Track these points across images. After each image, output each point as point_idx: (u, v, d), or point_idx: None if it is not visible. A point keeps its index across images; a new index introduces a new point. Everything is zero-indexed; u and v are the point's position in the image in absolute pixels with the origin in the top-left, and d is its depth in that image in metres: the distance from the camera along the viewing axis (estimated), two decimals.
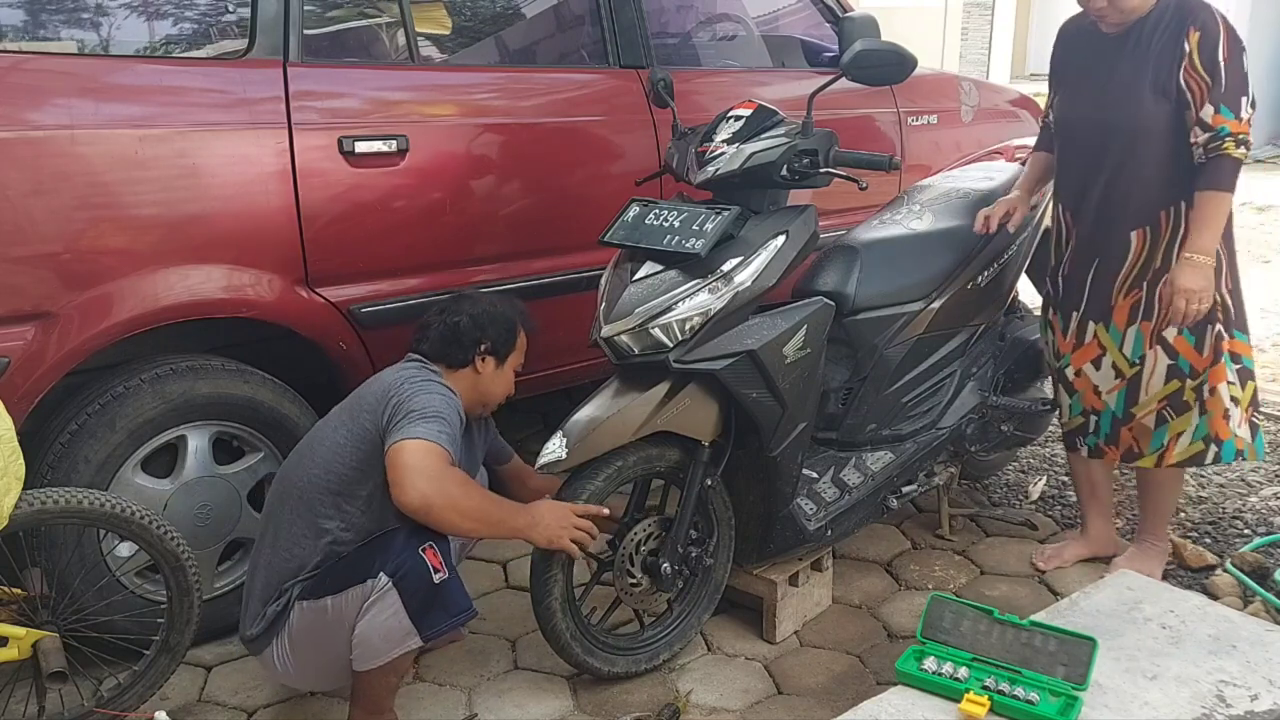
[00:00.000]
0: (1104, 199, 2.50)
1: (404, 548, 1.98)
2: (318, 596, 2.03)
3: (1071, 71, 2.61)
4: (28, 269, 2.10)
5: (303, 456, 2.15)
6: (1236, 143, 2.31)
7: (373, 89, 2.58)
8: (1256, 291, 5.66)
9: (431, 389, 2.10)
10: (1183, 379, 2.52)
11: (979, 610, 2.15)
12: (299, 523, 2.08)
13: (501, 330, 2.28)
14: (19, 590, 2.10)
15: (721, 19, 3.86)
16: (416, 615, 1.96)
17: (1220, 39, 2.31)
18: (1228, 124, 2.30)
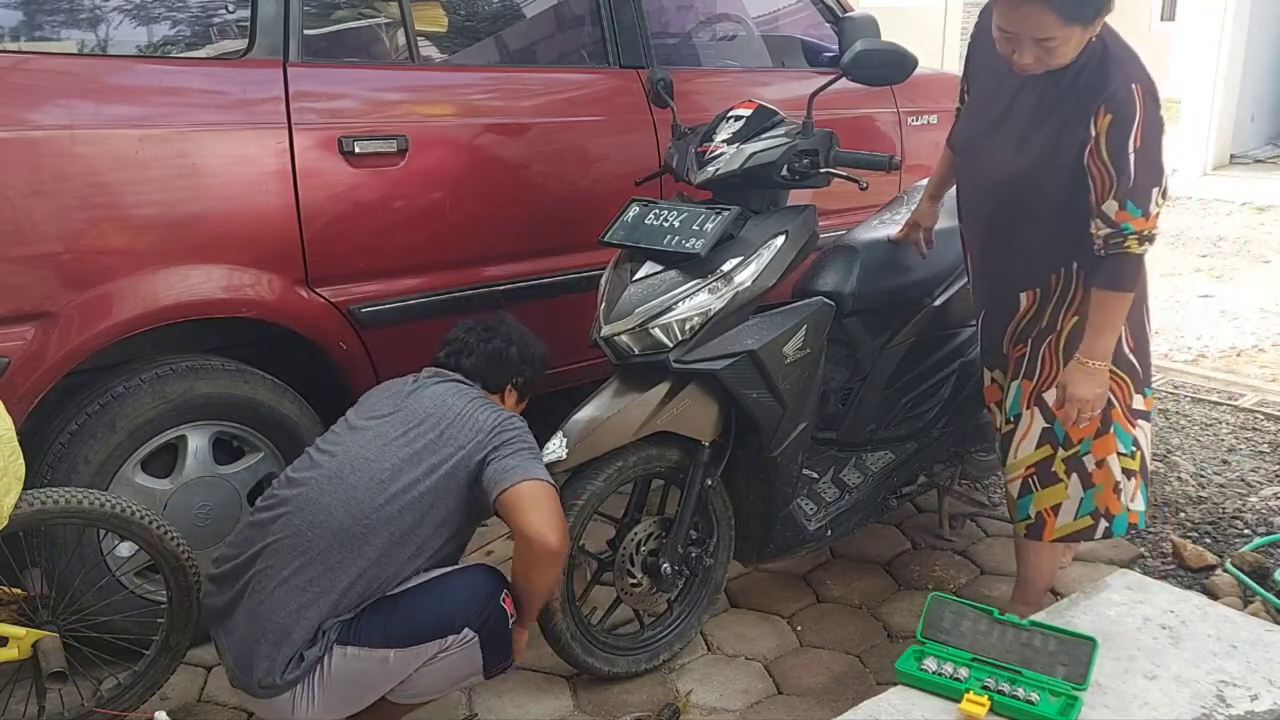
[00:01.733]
0: (994, 254, 2.31)
1: (489, 598, 1.93)
2: (371, 645, 1.88)
3: (976, 85, 2.34)
4: (28, 269, 2.10)
5: (353, 492, 1.92)
6: (1140, 240, 2.04)
7: (372, 89, 2.58)
8: (1256, 291, 5.66)
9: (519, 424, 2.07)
10: (1055, 446, 2.29)
11: (979, 610, 2.15)
12: (359, 561, 1.89)
13: (538, 367, 2.28)
14: (19, 590, 2.10)
15: (721, 19, 3.86)
16: (492, 658, 1.96)
17: (1135, 125, 1.97)
18: (1132, 222, 2.02)
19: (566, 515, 2.21)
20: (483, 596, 1.94)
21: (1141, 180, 2.01)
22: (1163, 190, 2.04)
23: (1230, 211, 7.65)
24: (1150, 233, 2.05)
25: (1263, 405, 4.02)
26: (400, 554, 1.93)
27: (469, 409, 2.03)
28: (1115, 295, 2.10)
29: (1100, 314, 2.11)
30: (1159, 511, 3.22)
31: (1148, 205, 2.02)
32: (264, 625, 1.87)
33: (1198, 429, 3.83)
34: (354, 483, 1.92)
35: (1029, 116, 2.14)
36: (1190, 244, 6.81)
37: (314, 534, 1.89)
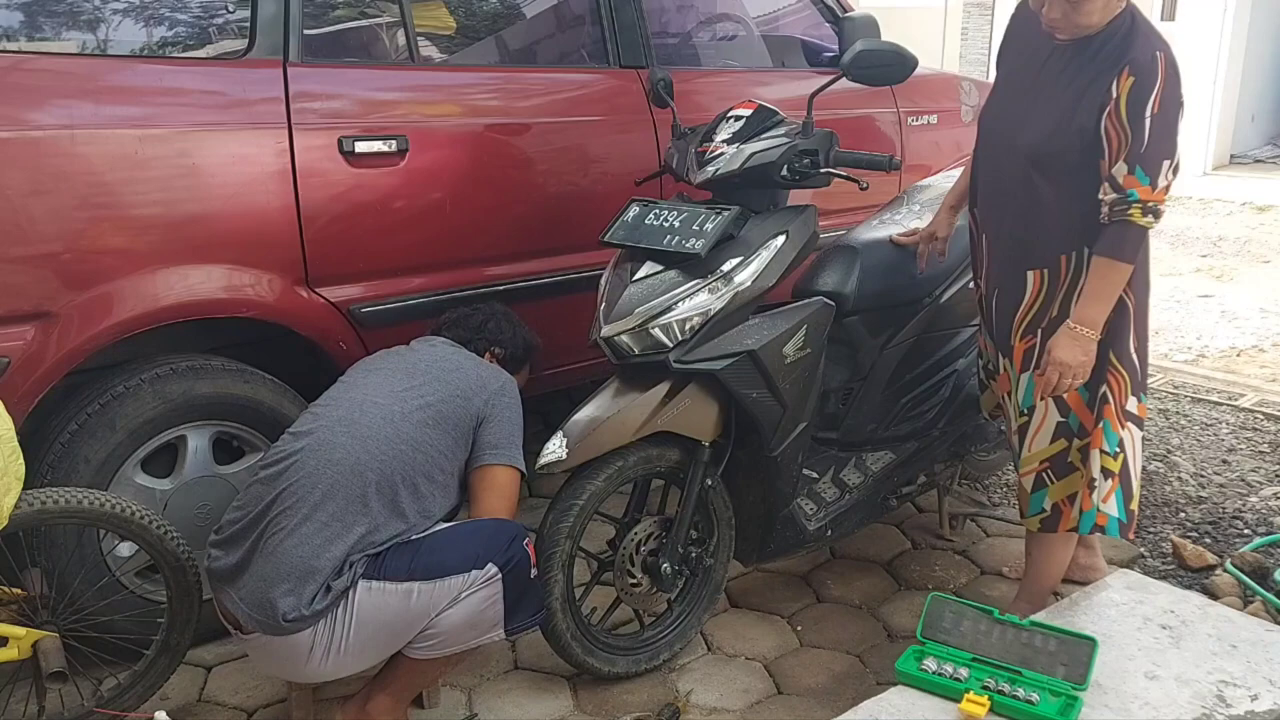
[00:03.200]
0: (1007, 229, 2.27)
1: (514, 539, 2.01)
2: (396, 579, 1.93)
3: (1006, 66, 2.34)
4: (28, 269, 2.10)
5: (366, 430, 2.00)
6: (1144, 210, 2.02)
7: (372, 89, 2.58)
8: (1257, 291, 5.66)
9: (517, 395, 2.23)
10: (1070, 438, 2.27)
11: (979, 610, 2.15)
12: (374, 500, 1.96)
13: (519, 346, 2.42)
14: (19, 590, 2.10)
15: (722, 19, 3.86)
16: (512, 607, 1.99)
17: (1155, 90, 1.99)
18: (1138, 189, 2.01)
19: (566, 516, 2.23)
20: (508, 536, 2.01)
21: (1154, 148, 2.01)
22: (1174, 166, 2.04)
23: (1230, 211, 7.65)
24: (1155, 205, 2.03)
25: (1263, 405, 4.02)
26: (420, 488, 2.04)
27: (468, 364, 2.23)
28: (1113, 264, 2.07)
29: (1096, 281, 2.10)
30: (1159, 511, 3.22)
31: (1156, 175, 2.01)
32: (286, 565, 1.90)
33: (1198, 429, 3.83)
34: (365, 423, 2.02)
35: (1053, 84, 2.15)
36: (1190, 244, 6.81)
37: (332, 471, 1.95)
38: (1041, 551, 2.47)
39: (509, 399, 2.20)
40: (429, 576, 1.94)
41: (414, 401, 2.09)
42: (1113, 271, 2.08)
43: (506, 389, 2.21)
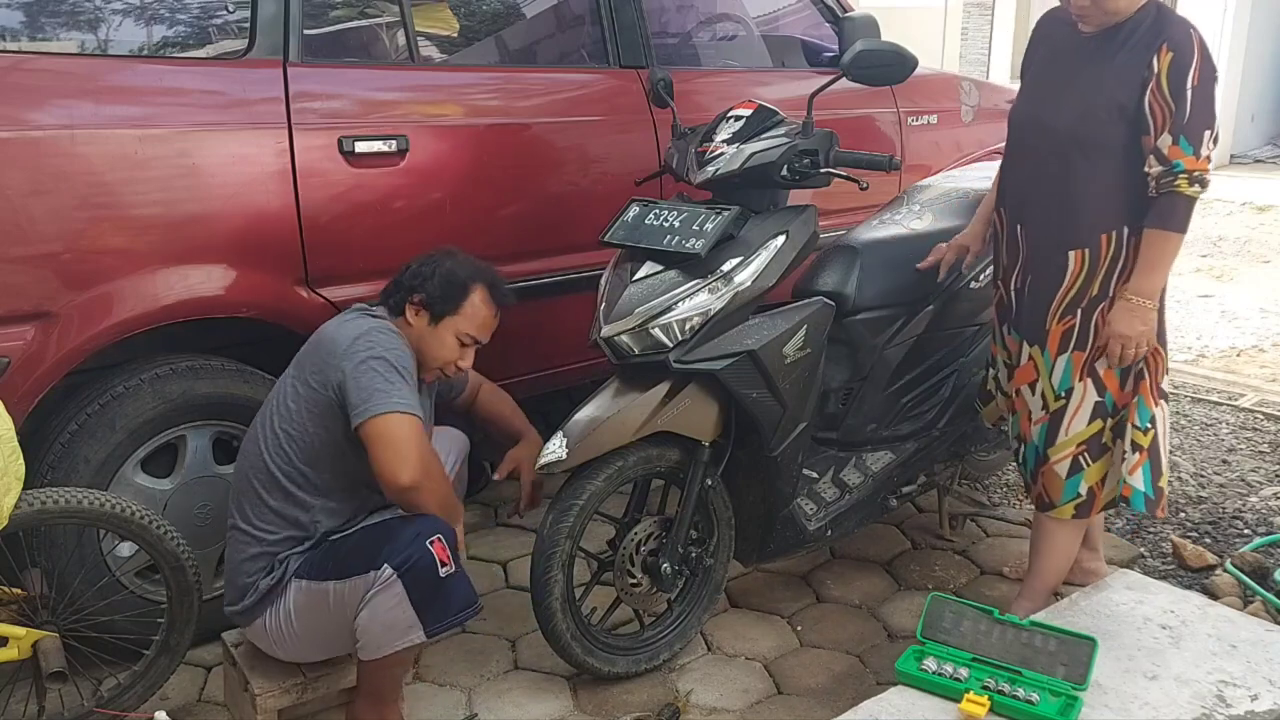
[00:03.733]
0: (1044, 212, 2.29)
1: (412, 539, 1.94)
2: (319, 578, 1.99)
3: (1034, 68, 2.41)
4: (28, 269, 2.09)
5: (260, 428, 2.09)
6: (1190, 180, 2.09)
7: (373, 89, 2.58)
8: (1257, 291, 5.66)
9: (380, 339, 2.02)
10: (1105, 418, 2.30)
11: (979, 610, 2.15)
12: (272, 497, 2.05)
13: (443, 284, 2.14)
14: (19, 590, 2.10)
15: (722, 19, 3.86)
16: (421, 609, 1.93)
17: (1193, 63, 2.07)
18: (1184, 159, 2.08)
19: (566, 516, 2.23)
20: (409, 535, 1.94)
21: (1196, 118, 2.08)
22: (1214, 136, 2.11)
23: (1230, 211, 7.65)
24: (1200, 174, 2.09)
25: (1263, 405, 4.02)
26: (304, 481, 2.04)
27: (340, 330, 2.06)
28: (1164, 234, 2.14)
29: (1151, 251, 2.16)
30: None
31: (1199, 145, 2.08)
32: (228, 564, 2.13)
33: (1198, 429, 3.83)
34: (260, 424, 2.10)
35: (1085, 69, 2.22)
36: (1190, 244, 6.80)
37: (239, 479, 2.11)
38: (1050, 544, 2.46)
39: (361, 351, 1.99)
40: (341, 576, 1.97)
41: (288, 386, 2.07)
42: (1166, 242, 2.15)
43: (357, 344, 2.00)
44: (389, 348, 2.01)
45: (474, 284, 2.16)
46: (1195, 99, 2.08)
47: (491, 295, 2.19)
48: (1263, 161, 8.70)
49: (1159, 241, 2.15)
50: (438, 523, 2.00)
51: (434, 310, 2.14)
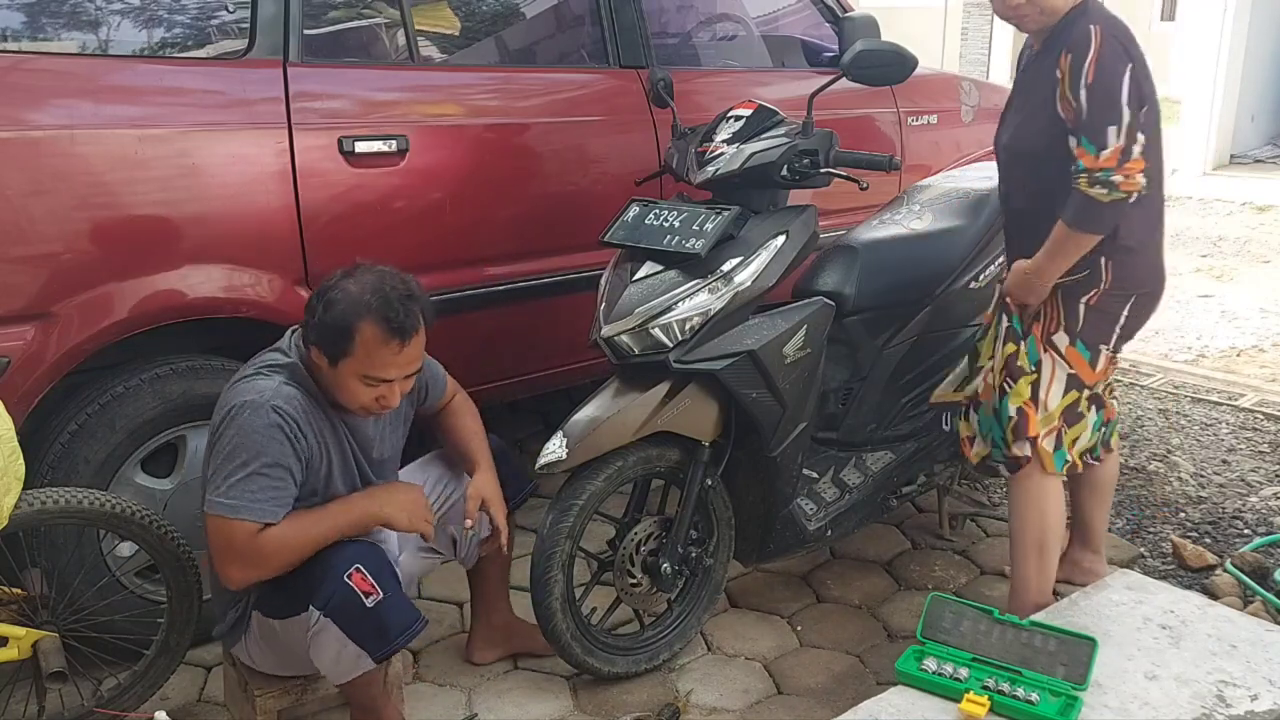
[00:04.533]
0: (1017, 224, 2.37)
1: (328, 577, 1.87)
2: (267, 614, 1.98)
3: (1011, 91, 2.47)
4: (27, 269, 2.09)
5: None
6: (1090, 180, 2.05)
7: (372, 89, 2.58)
8: (1257, 291, 5.66)
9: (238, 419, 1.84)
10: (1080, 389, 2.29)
11: (979, 610, 2.15)
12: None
13: (325, 326, 1.87)
14: (19, 590, 2.10)
15: (721, 19, 3.86)
16: (360, 640, 1.88)
17: (1088, 59, 2.05)
18: (1084, 158, 2.06)
19: (566, 516, 2.23)
20: (326, 574, 1.87)
21: (1095, 114, 2.06)
22: (1126, 130, 2.04)
23: (1230, 211, 7.65)
24: (1104, 174, 2.04)
25: (1263, 405, 4.02)
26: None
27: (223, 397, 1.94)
28: (1065, 229, 2.13)
29: (1052, 238, 2.16)
30: (1159, 511, 3.22)
31: (1102, 142, 2.05)
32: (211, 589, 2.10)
33: (1198, 429, 3.83)
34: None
35: (1029, 86, 2.27)
36: (1190, 244, 6.81)
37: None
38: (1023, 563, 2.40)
39: (220, 430, 1.87)
40: (278, 615, 1.96)
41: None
42: (1065, 235, 2.14)
43: (220, 414, 1.88)
44: (241, 440, 1.84)
45: (359, 321, 1.85)
46: (1091, 95, 2.06)
47: (385, 328, 1.86)
48: (1263, 161, 8.70)
49: (1059, 233, 2.14)
50: (360, 551, 1.91)
51: (328, 354, 1.89)
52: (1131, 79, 2.07)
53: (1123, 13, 2.40)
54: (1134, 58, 2.09)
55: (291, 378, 1.94)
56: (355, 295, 1.87)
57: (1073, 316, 2.25)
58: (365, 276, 1.91)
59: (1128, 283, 2.23)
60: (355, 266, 1.95)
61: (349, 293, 1.88)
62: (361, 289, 1.88)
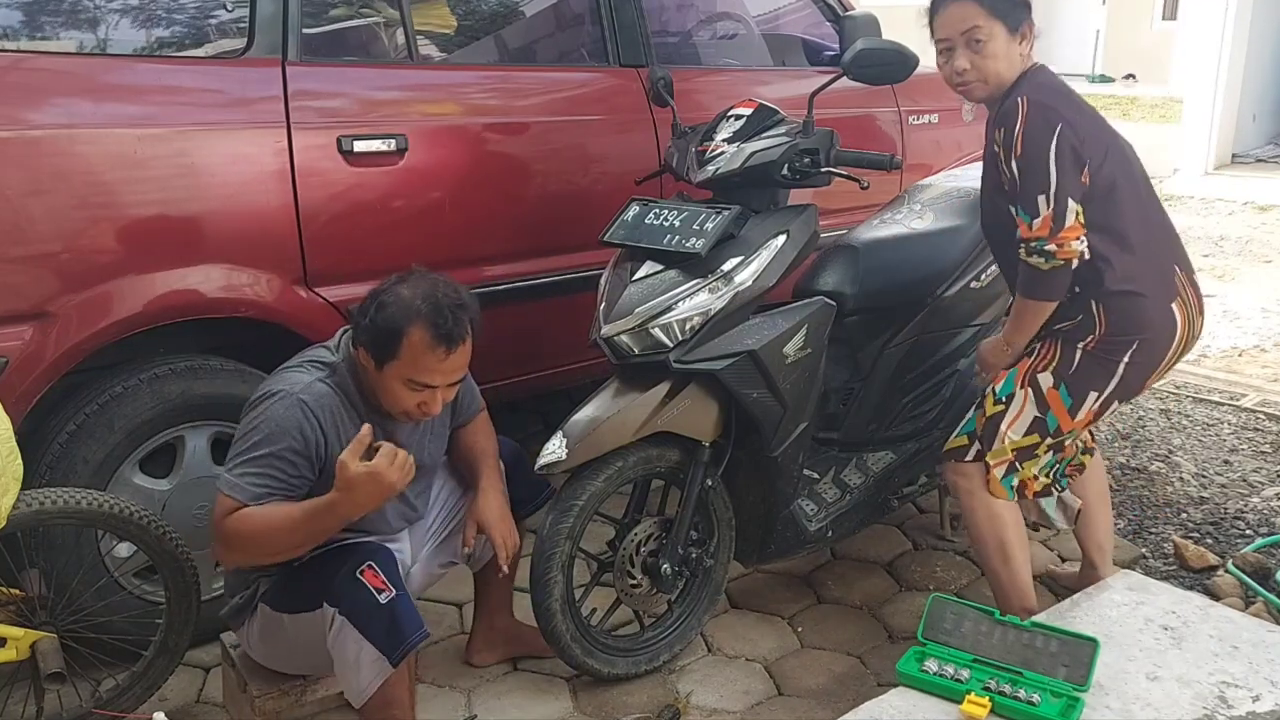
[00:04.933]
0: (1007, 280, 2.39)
1: (342, 574, 1.89)
2: (276, 607, 1.99)
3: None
4: (26, 268, 2.09)
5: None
6: (1027, 250, 2.09)
7: (371, 88, 2.58)
8: (1258, 291, 5.65)
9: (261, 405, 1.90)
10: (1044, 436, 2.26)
11: (980, 611, 2.14)
12: None
13: (376, 327, 1.90)
14: (17, 591, 2.10)
15: (722, 18, 3.85)
16: (376, 639, 1.87)
17: (1016, 131, 2.08)
18: (1020, 229, 2.10)
19: (566, 516, 2.22)
20: (340, 572, 1.89)
21: (1026, 184, 2.09)
22: (1051, 198, 2.05)
23: (1232, 211, 7.65)
24: (1038, 243, 2.08)
25: (1264, 405, 4.01)
26: None
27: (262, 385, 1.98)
28: (1019, 299, 2.19)
29: (1013, 312, 2.23)
30: (1160, 512, 3.21)
31: (1034, 210, 2.08)
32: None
33: (1199, 429, 3.82)
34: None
35: (987, 158, 2.29)
36: (1192, 244, 6.78)
37: None
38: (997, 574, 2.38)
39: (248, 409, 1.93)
40: (290, 610, 1.97)
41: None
42: (1021, 306, 2.20)
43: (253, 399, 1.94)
44: (259, 424, 1.88)
45: (409, 325, 1.87)
46: (1022, 165, 2.08)
47: (433, 334, 1.87)
48: (1264, 161, 8.69)
49: (1017, 303, 2.21)
50: (371, 550, 1.93)
51: (375, 356, 1.91)
52: (1060, 145, 2.06)
53: (1123, 12, 2.38)
54: (1066, 121, 2.08)
55: (330, 376, 1.97)
56: (407, 300, 1.89)
57: (1067, 361, 2.22)
58: (419, 282, 1.93)
59: (1128, 327, 2.18)
60: (411, 272, 1.98)
61: (401, 297, 1.90)
62: (414, 294, 1.90)
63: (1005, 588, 2.35)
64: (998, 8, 2.16)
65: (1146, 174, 2.29)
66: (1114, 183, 2.14)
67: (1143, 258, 2.18)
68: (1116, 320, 2.17)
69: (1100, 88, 14.09)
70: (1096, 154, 2.12)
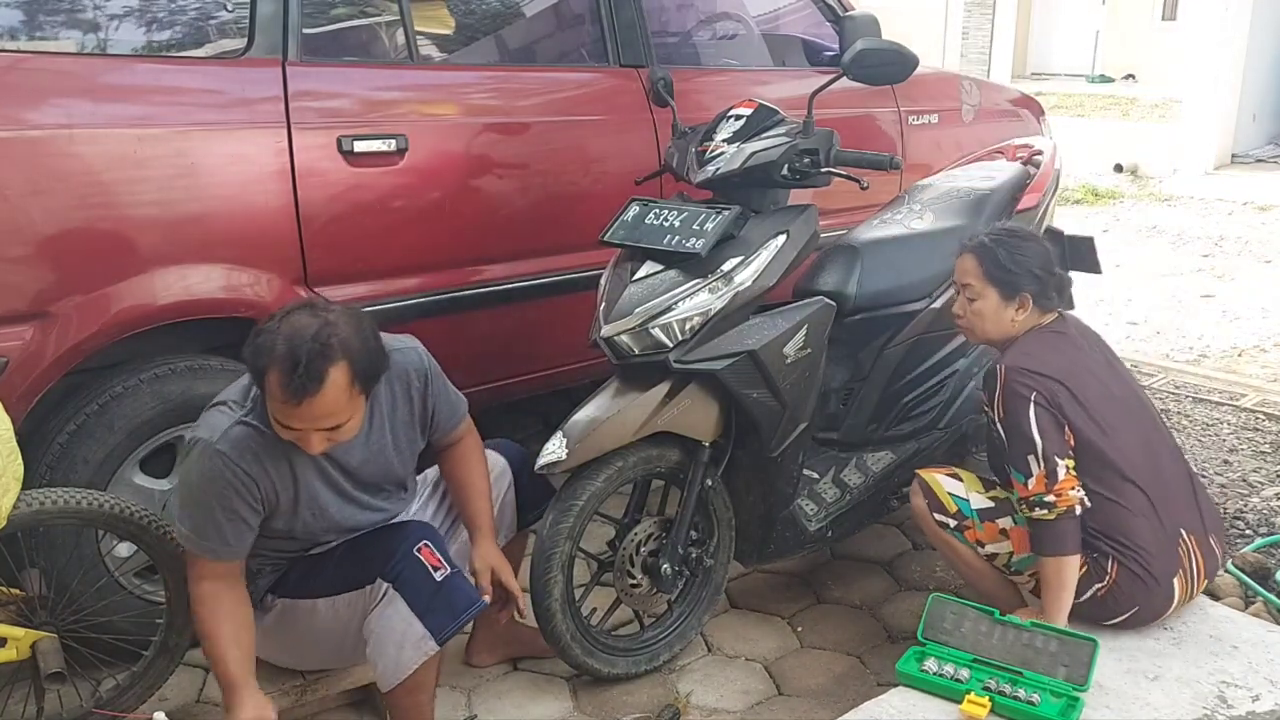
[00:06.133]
0: None
1: (399, 551, 1.93)
2: (302, 595, 1.99)
3: None
4: (26, 268, 2.09)
5: None
6: (1029, 506, 2.12)
7: (372, 88, 2.57)
8: (1258, 291, 5.65)
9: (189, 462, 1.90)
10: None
11: (980, 611, 2.14)
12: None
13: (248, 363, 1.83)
14: (18, 591, 2.10)
15: (722, 18, 3.85)
16: (425, 616, 1.90)
17: (996, 398, 2.16)
18: (1017, 488, 2.14)
19: (566, 516, 2.22)
20: (396, 548, 1.92)
21: (1012, 447, 2.14)
22: (1043, 456, 2.10)
23: (1231, 211, 7.64)
24: (1033, 499, 2.10)
25: (1264, 405, 4.01)
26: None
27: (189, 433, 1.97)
28: (1041, 563, 2.15)
29: (1042, 581, 2.17)
30: None
31: (1027, 469, 2.11)
32: None
33: (1199, 429, 3.82)
34: None
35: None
36: (1191, 244, 6.80)
37: None
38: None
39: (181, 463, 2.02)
40: (332, 592, 1.97)
41: None
42: (1043, 569, 2.15)
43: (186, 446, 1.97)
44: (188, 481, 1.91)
45: (265, 364, 1.78)
46: (1006, 430, 2.15)
47: (282, 385, 1.76)
48: (1264, 161, 8.69)
49: (1041, 571, 2.16)
50: (424, 529, 1.98)
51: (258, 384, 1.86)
52: (1038, 412, 2.11)
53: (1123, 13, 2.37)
54: (1039, 390, 2.12)
55: (250, 414, 1.90)
56: (269, 341, 1.78)
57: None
58: (298, 319, 1.80)
59: (1133, 600, 2.15)
60: (306, 304, 1.89)
61: (270, 335, 1.79)
62: (281, 334, 1.78)
63: (994, 596, 2.35)
64: (993, 274, 2.25)
65: (1162, 422, 2.33)
66: (1108, 438, 2.15)
67: (1150, 521, 2.15)
68: (1124, 586, 2.14)
69: (1100, 88, 14.08)
70: (1079, 417, 2.14)
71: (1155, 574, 2.14)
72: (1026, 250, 2.27)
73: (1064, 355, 2.23)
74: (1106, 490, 2.14)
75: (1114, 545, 2.14)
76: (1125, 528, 2.14)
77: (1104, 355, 2.34)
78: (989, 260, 2.26)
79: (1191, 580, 2.20)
